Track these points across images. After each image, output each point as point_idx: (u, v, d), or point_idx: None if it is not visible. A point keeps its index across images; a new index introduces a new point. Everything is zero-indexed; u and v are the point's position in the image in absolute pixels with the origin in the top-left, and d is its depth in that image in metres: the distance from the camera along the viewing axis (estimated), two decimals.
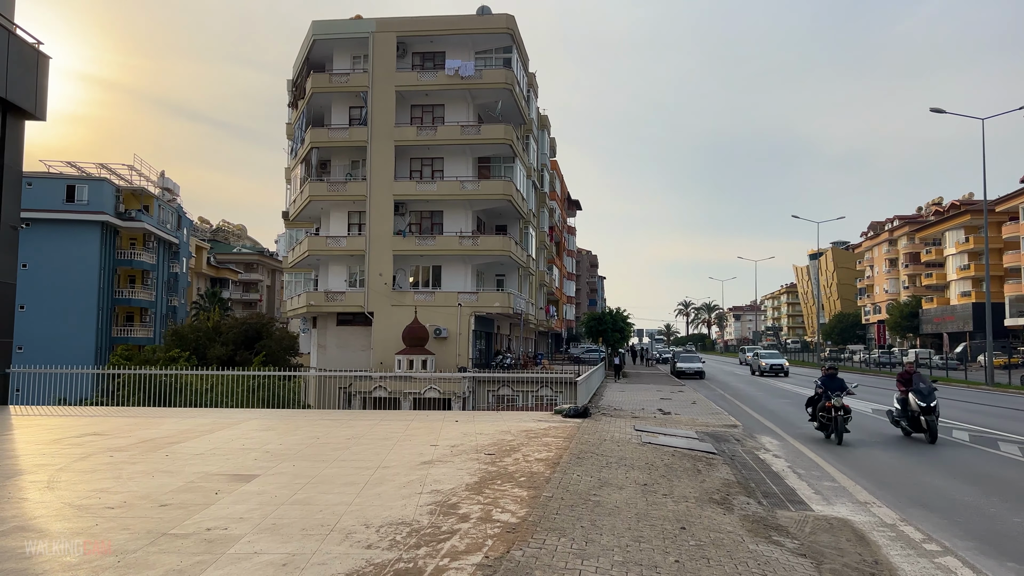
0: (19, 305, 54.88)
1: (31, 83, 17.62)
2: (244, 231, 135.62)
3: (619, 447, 11.98)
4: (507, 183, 41.32)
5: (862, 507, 9.61)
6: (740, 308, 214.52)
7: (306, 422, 14.60)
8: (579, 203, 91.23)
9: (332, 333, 43.27)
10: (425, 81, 41.65)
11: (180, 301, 71.96)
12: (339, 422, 14.67)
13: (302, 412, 16.75)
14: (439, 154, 42.53)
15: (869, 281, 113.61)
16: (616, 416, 18.45)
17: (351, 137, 42.12)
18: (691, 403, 24.75)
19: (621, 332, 45.70)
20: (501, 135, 40.93)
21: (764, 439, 16.70)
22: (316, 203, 42.92)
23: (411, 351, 38.72)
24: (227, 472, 8.87)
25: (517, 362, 44.66)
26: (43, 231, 55.45)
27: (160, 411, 16.94)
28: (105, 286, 57.76)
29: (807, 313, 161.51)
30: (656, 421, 17.67)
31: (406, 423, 14.64)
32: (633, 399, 25.94)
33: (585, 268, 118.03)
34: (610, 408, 21.63)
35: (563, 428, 14.18)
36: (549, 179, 62.23)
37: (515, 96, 42.70)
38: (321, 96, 43.14)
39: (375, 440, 11.91)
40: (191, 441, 11.55)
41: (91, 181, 57.58)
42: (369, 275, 41.16)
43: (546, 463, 9.83)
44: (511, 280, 46.49)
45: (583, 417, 16.19)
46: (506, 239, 41.79)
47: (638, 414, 19.73)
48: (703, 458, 12.07)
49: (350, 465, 9.48)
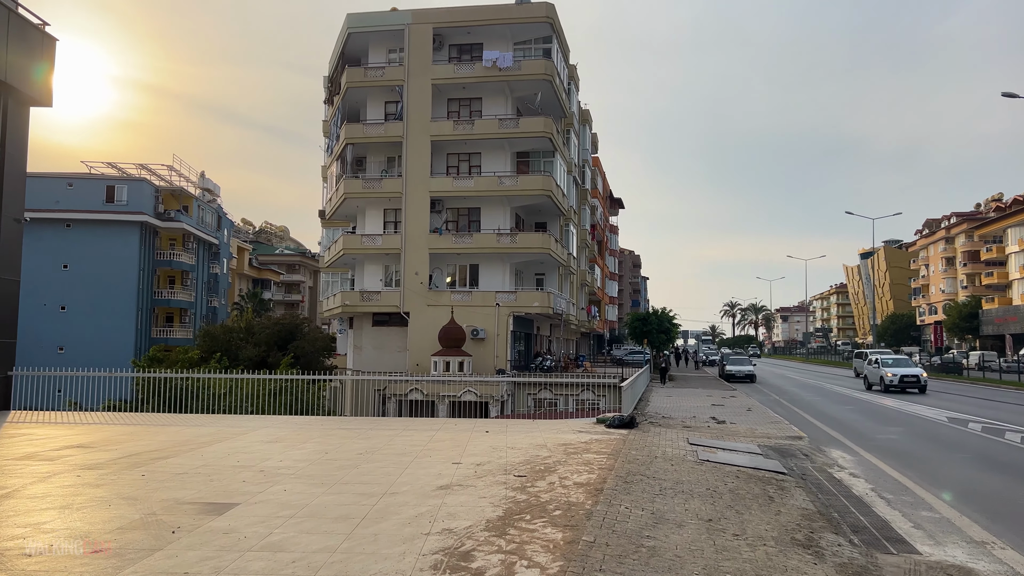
0: (60, 306, 55.07)
1: (36, 67, 16.45)
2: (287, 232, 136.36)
3: (673, 467, 10.26)
4: (547, 178, 39.67)
5: (980, 549, 7.75)
6: (788, 309, 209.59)
7: (320, 432, 13.16)
8: (622, 201, 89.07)
9: (368, 334, 42.09)
10: (462, 74, 40.23)
11: (221, 302, 71.78)
12: (356, 432, 13.19)
13: (320, 420, 15.34)
14: (476, 149, 41.06)
15: (924, 281, 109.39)
16: (665, 426, 16.68)
17: (386, 132, 40.89)
18: (746, 410, 22.80)
19: (667, 333, 43.63)
20: (540, 128, 39.29)
21: (834, 453, 14.79)
22: (351, 201, 41.80)
23: (448, 352, 37.30)
24: (202, 499, 7.40)
25: (558, 364, 42.95)
26: (83, 232, 55.50)
27: (169, 418, 15.69)
28: (145, 287, 57.58)
29: (858, 314, 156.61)
30: (711, 432, 15.87)
31: (430, 434, 13.10)
32: (682, 405, 24.08)
33: (628, 268, 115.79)
34: (658, 416, 19.85)
35: (607, 441, 12.50)
36: (591, 176, 60.39)
37: (555, 88, 41.04)
38: (356, 91, 42.00)
39: (390, 456, 10.38)
40: (182, 456, 10.16)
41: (130, 181, 57.48)
42: (405, 274, 39.88)
43: (587, 489, 8.18)
44: (551, 279, 44.80)
45: (629, 428, 14.48)
46: (546, 236, 40.13)
47: (689, 423, 17.93)
48: (772, 480, 10.28)
49: (352, 490, 7.95)
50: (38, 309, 54.60)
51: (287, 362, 26.60)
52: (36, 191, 55.67)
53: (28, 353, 54.16)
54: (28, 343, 54.57)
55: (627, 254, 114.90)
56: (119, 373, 16.35)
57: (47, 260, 54.85)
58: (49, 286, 54.78)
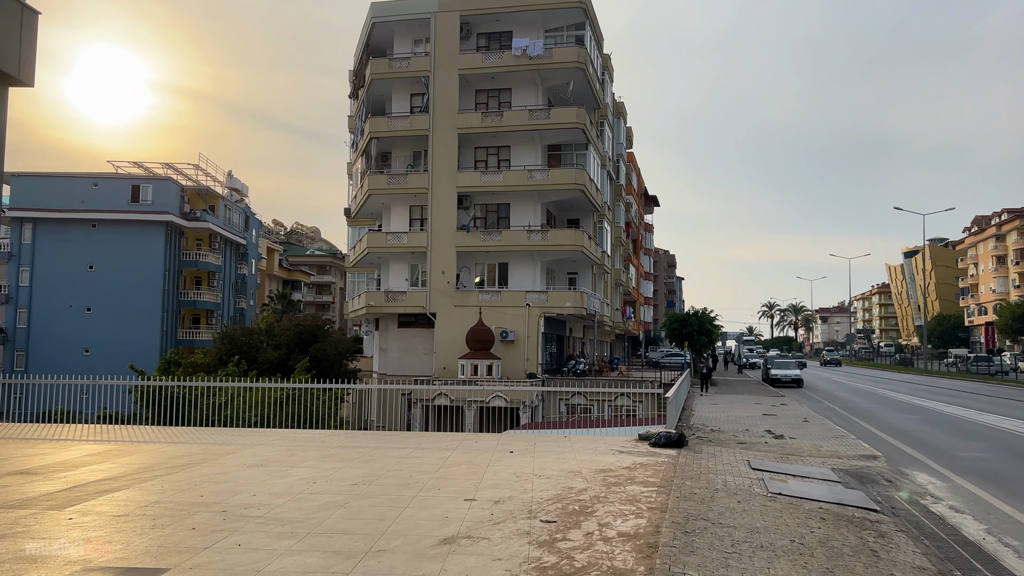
0: (85, 307, 54.36)
1: (14, 41, 14.80)
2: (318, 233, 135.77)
3: (741, 504, 8.23)
4: (579, 171, 37.63)
5: None
6: (827, 310, 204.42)
7: (318, 452, 11.33)
8: (656, 199, 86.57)
9: (393, 335, 40.43)
10: (490, 63, 38.37)
11: (249, 303, 70.85)
12: (358, 452, 11.34)
13: (323, 436, 13.53)
14: (505, 142, 39.17)
15: (973, 280, 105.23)
16: (717, 443, 14.59)
17: (412, 126, 39.19)
18: (802, 421, 20.58)
19: (708, 335, 41.18)
20: (573, 119, 37.28)
21: (920, 477, 12.60)
22: (376, 197, 40.18)
23: (475, 355, 35.46)
24: (122, 561, 5.58)
25: (591, 367, 40.86)
26: (109, 232, 54.74)
27: (155, 432, 14.00)
28: (170, 287, 56.66)
29: (901, 315, 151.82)
30: (771, 451, 13.76)
31: (445, 454, 11.21)
32: (730, 415, 21.91)
33: (663, 268, 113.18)
34: (705, 428, 17.76)
35: (653, 466, 10.49)
36: (625, 171, 58.17)
37: (588, 77, 38.99)
38: (381, 83, 40.37)
39: (390, 488, 8.50)
40: (136, 487, 8.39)
41: (155, 181, 56.62)
42: (431, 273, 38.14)
43: (636, 545, 6.21)
44: (584, 278, 42.73)
45: (677, 447, 12.44)
46: (578, 233, 38.09)
47: (743, 438, 15.82)
48: (866, 522, 8.20)
49: (326, 545, 6.07)
50: (64, 310, 54.03)
51: (303, 366, 24.93)
52: (62, 192, 55.21)
53: (53, 354, 53.71)
54: (53, 344, 54.08)
55: (662, 254, 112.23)
56: (104, 381, 14.71)
57: (73, 261, 54.23)
58: (75, 287, 54.14)
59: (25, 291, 53.94)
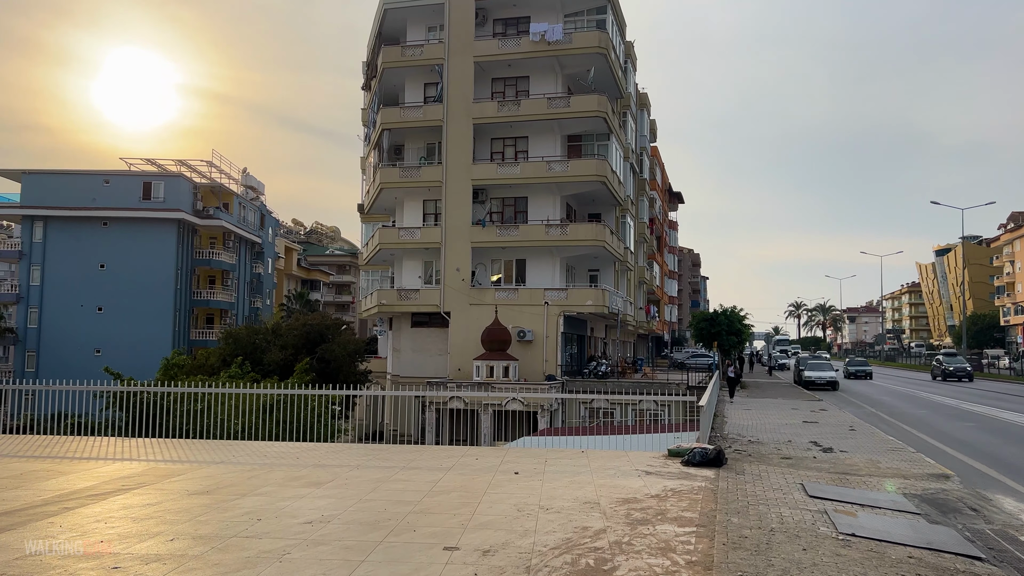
0: (97, 307, 53.24)
1: None
2: (338, 233, 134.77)
3: (808, 553, 6.26)
4: (601, 162, 35.63)
5: None
6: (855, 309, 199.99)
7: (281, 475, 9.50)
8: (681, 196, 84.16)
9: (407, 335, 38.71)
10: (507, 49, 36.48)
11: (265, 303, 69.59)
12: (332, 474, 9.49)
13: (298, 451, 11.71)
14: (523, 132, 37.27)
15: (1010, 278, 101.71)
16: (759, 459, 12.57)
17: (425, 116, 37.41)
18: (848, 429, 18.46)
19: (738, 335, 38.83)
20: (594, 107, 35.30)
21: (1007, 503, 10.50)
22: (388, 192, 38.49)
23: (491, 356, 33.61)
24: None
25: (614, 369, 38.82)
26: (120, 230, 53.56)
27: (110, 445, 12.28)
28: (183, 287, 55.36)
29: (932, 314, 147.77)
30: (822, 468, 11.71)
31: (436, 476, 9.34)
32: (766, 422, 19.83)
33: (687, 267, 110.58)
34: (742, 439, 15.73)
35: (689, 493, 8.55)
36: (649, 165, 56.01)
37: (610, 63, 36.98)
38: (393, 72, 38.65)
39: (353, 529, 6.63)
40: (20, 529, 6.60)
41: (167, 178, 55.36)
42: (445, 270, 36.33)
43: None
44: (606, 275, 40.71)
45: (716, 466, 10.47)
46: (600, 227, 36.10)
47: (787, 451, 13.79)
48: None
49: None
50: (75, 310, 52.95)
51: (303, 367, 23.17)
52: (73, 189, 54.13)
53: (65, 355, 52.62)
54: (64, 345, 52.97)
55: (686, 252, 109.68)
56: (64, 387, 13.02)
57: (84, 260, 53.12)
58: (86, 286, 53.03)
59: (36, 290, 52.93)
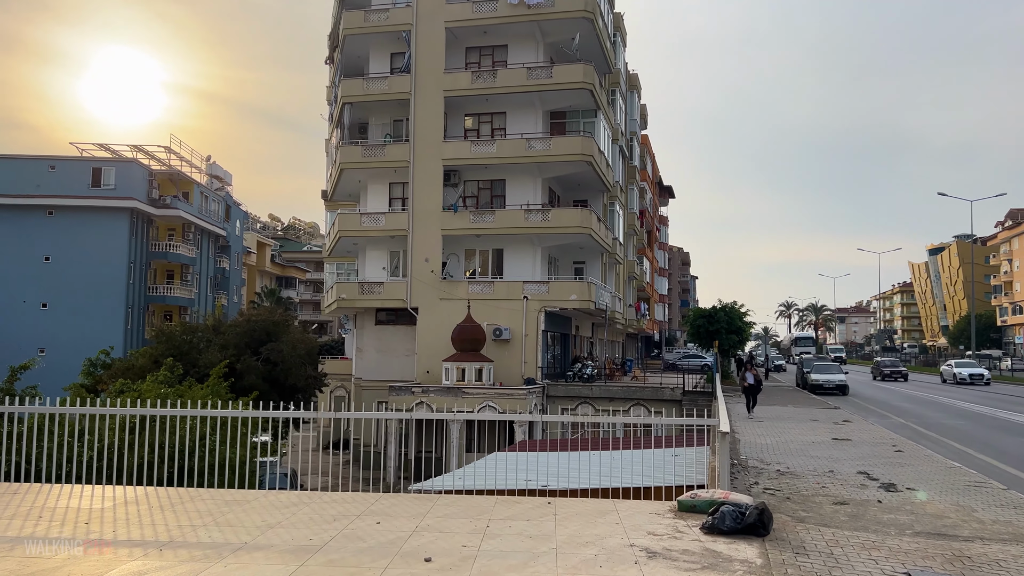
0: (41, 303, 48.93)
1: None
2: (317, 229, 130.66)
3: None
4: (587, 140, 31.82)
5: None
6: (844, 310, 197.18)
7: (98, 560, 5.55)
8: (672, 190, 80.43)
9: (370, 334, 34.80)
10: (482, 13, 32.59)
11: (233, 300, 65.36)
12: (171, 563, 5.57)
13: (162, 508, 7.70)
14: (500, 107, 33.40)
15: (1007, 277, 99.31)
16: (809, 508, 8.72)
17: (391, 88, 33.49)
18: (893, 450, 14.69)
19: (738, 333, 35.06)
20: (579, 77, 31.49)
21: None
22: (351, 174, 34.56)
23: (463, 357, 29.74)
24: None
25: (601, 371, 35.00)
26: (67, 220, 49.15)
27: None
28: (137, 281, 51.04)
29: (925, 314, 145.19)
30: (901, 524, 7.88)
31: (288, 569, 5.43)
32: (789, 441, 16.00)
33: (676, 266, 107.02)
34: (767, 469, 11.92)
35: None
36: (640, 153, 52.22)
37: (597, 31, 33.18)
38: (356, 40, 34.69)
39: None
40: None
41: (119, 163, 51.05)
42: (413, 261, 32.44)
43: None
44: (593, 268, 36.87)
45: (756, 535, 6.60)
46: (586, 213, 32.28)
47: (838, 491, 9.97)
48: None
49: None
50: (17, 306, 48.56)
51: (219, 371, 19.10)
52: (14, 175, 49.79)
53: (5, 355, 47.96)
54: (4, 344, 48.50)
55: (676, 251, 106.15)
56: None
57: (27, 252, 48.69)
58: (29, 281, 48.61)
59: None
